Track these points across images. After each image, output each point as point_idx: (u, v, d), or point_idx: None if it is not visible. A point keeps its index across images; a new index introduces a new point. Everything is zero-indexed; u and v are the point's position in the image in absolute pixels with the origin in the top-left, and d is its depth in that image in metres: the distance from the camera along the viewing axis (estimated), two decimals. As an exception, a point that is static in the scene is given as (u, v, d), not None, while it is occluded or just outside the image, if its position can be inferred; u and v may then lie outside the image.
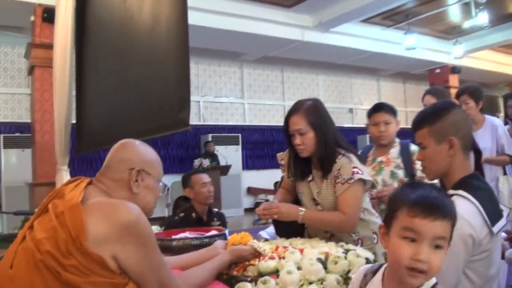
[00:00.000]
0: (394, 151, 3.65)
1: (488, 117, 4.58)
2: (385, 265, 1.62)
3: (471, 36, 13.35)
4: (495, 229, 1.91)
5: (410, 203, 1.46)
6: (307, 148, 2.71)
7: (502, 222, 1.97)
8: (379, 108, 3.70)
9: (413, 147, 3.56)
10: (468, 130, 2.11)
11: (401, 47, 12.26)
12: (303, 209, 2.61)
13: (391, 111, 3.67)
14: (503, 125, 4.57)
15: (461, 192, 1.93)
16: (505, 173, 4.48)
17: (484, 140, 4.12)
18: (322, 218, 2.70)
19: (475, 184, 2.01)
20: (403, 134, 3.72)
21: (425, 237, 1.42)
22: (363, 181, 2.66)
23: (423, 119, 2.13)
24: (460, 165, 2.07)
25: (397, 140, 3.71)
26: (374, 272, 1.62)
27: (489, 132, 4.48)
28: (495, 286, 2.00)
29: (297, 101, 2.84)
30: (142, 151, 1.97)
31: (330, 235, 2.78)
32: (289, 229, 2.80)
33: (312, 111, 2.71)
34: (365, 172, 2.69)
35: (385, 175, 3.59)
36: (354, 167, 2.64)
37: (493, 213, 1.93)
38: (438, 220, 1.43)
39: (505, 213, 2.05)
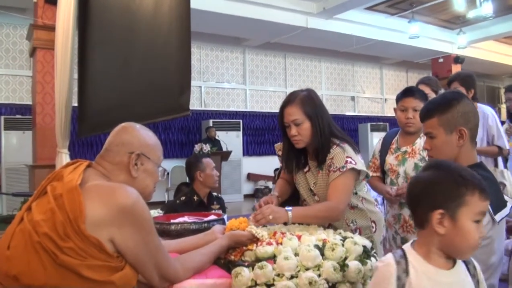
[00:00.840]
0: (421, 142, 3.36)
1: (480, 106, 4.52)
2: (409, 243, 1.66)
3: (475, 26, 13.31)
4: (497, 217, 1.94)
5: (481, 188, 1.54)
6: (303, 138, 2.72)
7: (505, 211, 2.00)
8: (409, 92, 3.45)
9: None
10: (476, 121, 2.14)
11: (405, 35, 12.25)
12: (290, 208, 2.55)
13: (422, 96, 3.41)
14: (495, 114, 4.51)
15: None
16: (496, 165, 4.44)
17: None
18: (309, 211, 2.67)
19: (480, 174, 2.01)
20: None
21: (483, 217, 1.56)
22: (356, 171, 2.67)
23: (433, 109, 2.14)
24: (467, 154, 2.11)
25: None
26: (403, 256, 1.63)
27: (480, 121, 4.43)
28: (496, 275, 2.01)
29: (291, 92, 2.83)
30: (142, 135, 1.96)
31: (328, 224, 2.78)
32: None
33: (307, 101, 2.71)
34: (359, 162, 2.69)
35: (408, 167, 3.38)
36: (347, 157, 2.65)
37: (496, 202, 1.95)
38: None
39: (509, 204, 2.07)
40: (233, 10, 10.03)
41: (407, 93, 3.45)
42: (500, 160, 4.45)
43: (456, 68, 14.53)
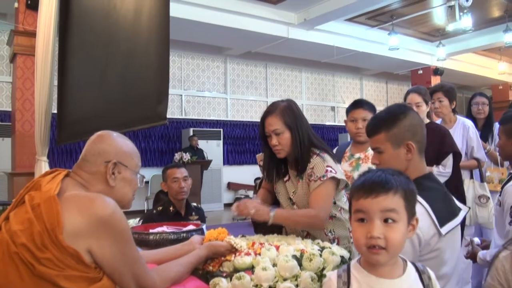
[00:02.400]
0: None
1: (460, 118, 4.58)
2: (356, 258, 1.66)
3: (455, 39, 13.48)
4: (444, 229, 1.93)
5: (355, 187, 1.56)
6: (283, 148, 2.74)
7: (454, 222, 2.01)
8: (358, 104, 3.65)
9: None
10: (423, 133, 2.15)
11: (385, 47, 12.37)
12: (275, 209, 2.60)
13: (370, 108, 3.62)
14: (474, 127, 4.56)
15: None
16: (471, 177, 4.46)
17: (455, 140, 4.12)
18: (292, 215, 2.69)
19: (426, 185, 2.06)
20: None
21: (373, 214, 1.51)
22: (336, 180, 2.70)
23: (379, 125, 2.15)
24: (415, 167, 2.12)
25: None
26: (347, 269, 1.64)
27: (460, 132, 4.47)
28: (452, 284, 2.02)
29: (272, 102, 2.86)
30: (118, 143, 1.94)
31: (306, 234, 2.81)
32: (268, 229, 2.81)
33: (287, 111, 2.74)
34: (339, 171, 2.73)
35: (362, 171, 3.49)
36: (327, 166, 2.68)
37: (444, 213, 1.97)
38: (381, 195, 1.51)
39: (462, 212, 2.10)
40: (215, 19, 10.05)
41: (357, 104, 3.64)
42: (475, 172, 4.48)
43: (435, 80, 14.69)
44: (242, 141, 14.60)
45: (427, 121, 4.08)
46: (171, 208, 4.21)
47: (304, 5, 10.58)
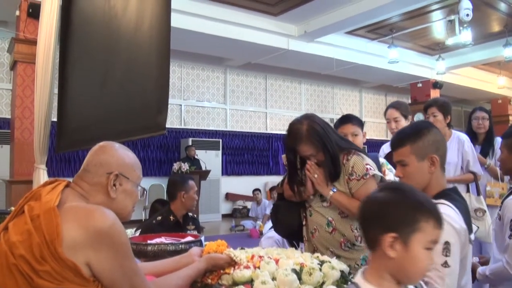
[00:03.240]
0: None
1: (455, 132, 4.57)
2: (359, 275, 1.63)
3: (454, 52, 13.48)
4: (472, 237, 2.04)
5: (437, 216, 1.52)
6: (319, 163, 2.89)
7: (472, 236, 2.09)
8: (347, 119, 3.61)
9: (382, 160, 3.61)
10: (445, 150, 2.24)
11: (385, 60, 12.37)
12: (335, 189, 2.81)
13: (359, 123, 3.60)
14: (469, 141, 4.55)
15: (443, 201, 2.04)
16: (468, 190, 4.45)
17: (450, 154, 4.08)
18: (348, 204, 2.80)
19: (454, 197, 2.13)
20: (376, 145, 3.69)
21: (435, 246, 1.54)
22: (376, 177, 2.84)
23: (404, 137, 2.22)
24: (438, 180, 2.18)
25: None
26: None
27: (456, 146, 4.46)
28: None
29: (292, 125, 2.91)
30: (121, 155, 1.93)
31: (332, 229, 2.88)
32: (287, 227, 3.05)
33: (312, 135, 2.81)
34: (375, 167, 2.88)
35: None
36: (366, 164, 2.82)
37: (468, 224, 2.05)
38: None
39: (474, 228, 2.21)
40: (215, 30, 10.06)
41: (345, 120, 3.61)
42: (472, 186, 4.47)
43: (434, 93, 14.70)
44: (241, 151, 14.58)
45: None
46: (171, 217, 4.23)
47: (304, 18, 10.60)
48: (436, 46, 13.13)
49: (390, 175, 3.48)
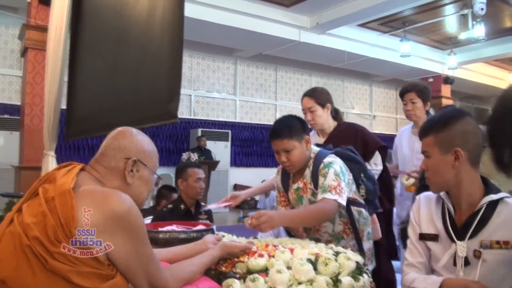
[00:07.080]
0: (308, 173, 2.94)
1: None
2: None
3: (466, 48, 13.39)
4: None
5: None
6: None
7: None
8: (274, 135, 2.89)
9: (327, 159, 2.85)
10: (478, 142, 2.02)
11: (396, 54, 12.31)
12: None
13: (289, 135, 2.83)
14: None
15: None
16: None
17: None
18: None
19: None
20: (386, 139, 3.59)
21: None
22: None
23: (430, 127, 2.08)
24: (469, 179, 2.02)
25: (313, 155, 2.96)
26: None
27: None
28: None
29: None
30: (140, 141, 1.92)
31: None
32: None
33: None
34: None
35: (306, 204, 2.98)
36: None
37: None
38: None
39: None
40: (227, 20, 10.02)
41: (272, 136, 2.90)
42: None
43: (445, 88, 14.63)
44: (250, 143, 14.59)
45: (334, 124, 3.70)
46: (182, 206, 4.21)
47: (317, 9, 10.54)
48: (448, 40, 13.05)
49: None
